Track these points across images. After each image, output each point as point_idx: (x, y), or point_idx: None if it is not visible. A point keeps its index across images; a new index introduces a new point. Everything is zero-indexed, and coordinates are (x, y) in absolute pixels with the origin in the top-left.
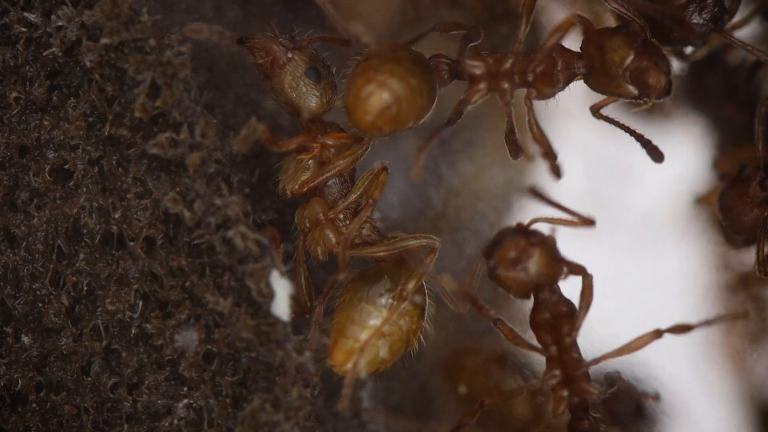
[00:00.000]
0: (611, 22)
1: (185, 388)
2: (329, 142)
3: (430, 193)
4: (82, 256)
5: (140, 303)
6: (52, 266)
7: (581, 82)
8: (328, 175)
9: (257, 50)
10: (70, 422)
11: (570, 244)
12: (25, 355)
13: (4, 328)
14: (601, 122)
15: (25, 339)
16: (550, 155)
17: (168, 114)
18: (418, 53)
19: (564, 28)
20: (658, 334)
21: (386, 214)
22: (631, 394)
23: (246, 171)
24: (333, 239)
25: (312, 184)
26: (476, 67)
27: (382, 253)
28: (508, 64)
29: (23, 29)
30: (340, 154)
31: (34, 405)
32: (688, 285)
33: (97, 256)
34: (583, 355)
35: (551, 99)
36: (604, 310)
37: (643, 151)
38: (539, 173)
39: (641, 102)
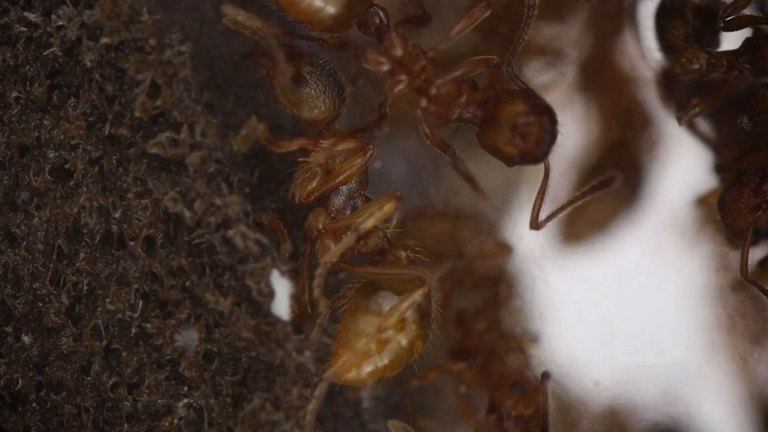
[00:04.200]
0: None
1: (185, 388)
2: (326, 145)
3: (430, 192)
4: (82, 255)
5: (140, 302)
6: (52, 266)
7: None
8: (331, 185)
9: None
10: (71, 422)
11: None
12: (25, 355)
13: (5, 328)
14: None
15: (26, 338)
16: (449, 152)
17: (168, 113)
18: None
19: (476, 64)
20: None
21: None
22: None
23: (246, 170)
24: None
25: (317, 194)
26: (393, 48)
27: (373, 276)
28: (417, 65)
29: (23, 29)
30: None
31: (34, 404)
32: (687, 285)
33: (98, 255)
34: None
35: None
36: (603, 310)
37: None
38: (538, 172)
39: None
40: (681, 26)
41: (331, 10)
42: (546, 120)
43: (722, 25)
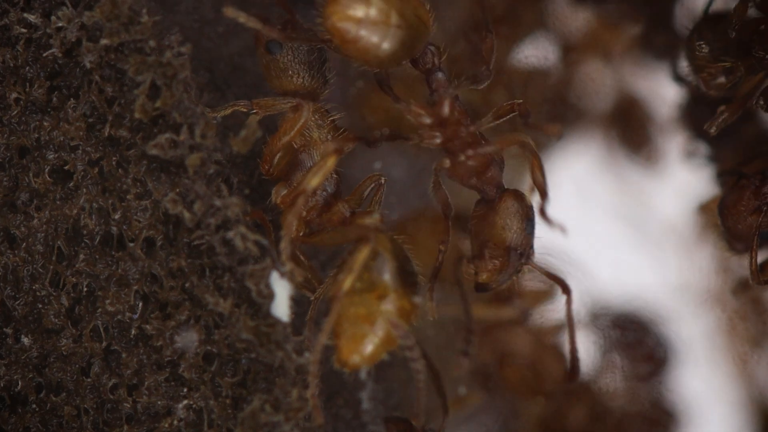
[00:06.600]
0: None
1: (185, 389)
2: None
3: (430, 193)
4: (81, 257)
5: (140, 304)
6: (51, 267)
7: None
8: (278, 152)
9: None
10: (70, 423)
11: (569, 249)
12: (24, 356)
13: (4, 329)
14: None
15: (25, 340)
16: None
17: (168, 115)
18: None
19: (509, 142)
20: None
21: (385, 214)
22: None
23: (246, 172)
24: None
25: (280, 169)
26: (441, 106)
27: (327, 242)
28: (456, 131)
29: (23, 30)
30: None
31: (33, 406)
32: (688, 288)
33: (97, 257)
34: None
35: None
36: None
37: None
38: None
39: None
40: (704, 45)
41: (386, 47)
42: (508, 267)
43: (734, 36)
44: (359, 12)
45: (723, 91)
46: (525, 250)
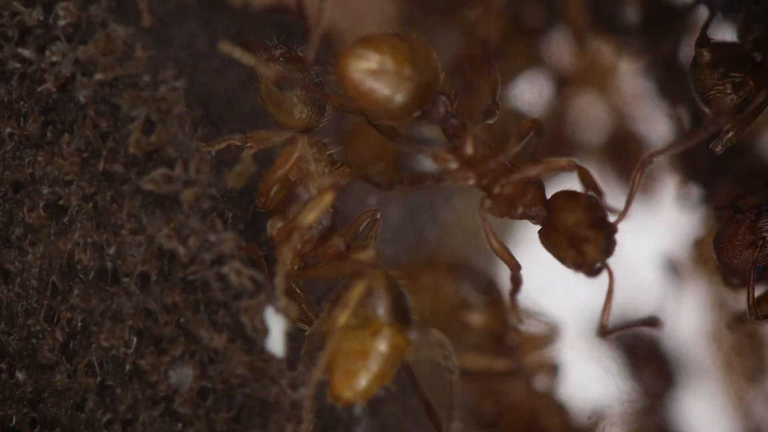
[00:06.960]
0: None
1: (180, 425)
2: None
3: (425, 229)
4: (76, 292)
5: (135, 339)
6: (46, 302)
7: None
8: (275, 185)
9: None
10: None
11: (566, 282)
12: (19, 392)
13: None
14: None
15: (20, 375)
16: (512, 266)
17: (162, 150)
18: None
19: (555, 168)
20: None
21: (380, 249)
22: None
23: (241, 206)
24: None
25: (276, 201)
26: (464, 147)
27: (322, 276)
28: (486, 167)
29: (17, 65)
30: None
31: None
32: (683, 324)
33: (92, 292)
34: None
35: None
36: (599, 347)
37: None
38: None
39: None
40: (708, 71)
41: (398, 99)
42: (603, 237)
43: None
44: (372, 63)
45: (734, 108)
46: (604, 214)
